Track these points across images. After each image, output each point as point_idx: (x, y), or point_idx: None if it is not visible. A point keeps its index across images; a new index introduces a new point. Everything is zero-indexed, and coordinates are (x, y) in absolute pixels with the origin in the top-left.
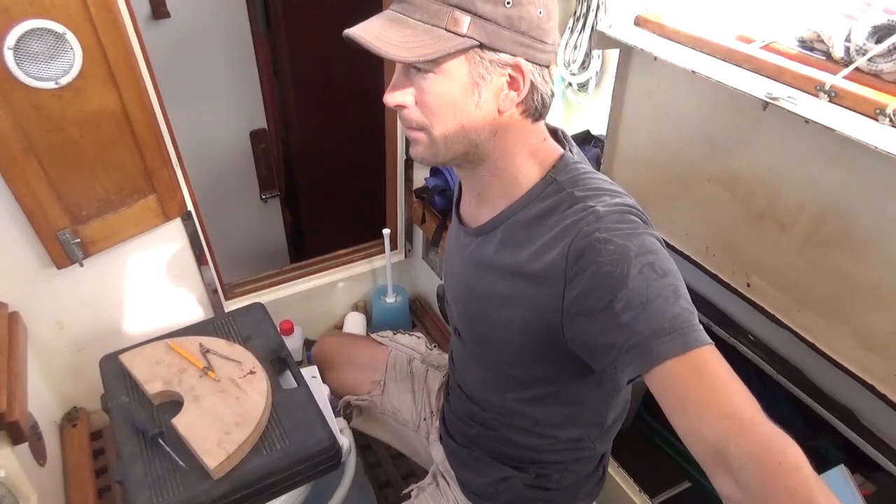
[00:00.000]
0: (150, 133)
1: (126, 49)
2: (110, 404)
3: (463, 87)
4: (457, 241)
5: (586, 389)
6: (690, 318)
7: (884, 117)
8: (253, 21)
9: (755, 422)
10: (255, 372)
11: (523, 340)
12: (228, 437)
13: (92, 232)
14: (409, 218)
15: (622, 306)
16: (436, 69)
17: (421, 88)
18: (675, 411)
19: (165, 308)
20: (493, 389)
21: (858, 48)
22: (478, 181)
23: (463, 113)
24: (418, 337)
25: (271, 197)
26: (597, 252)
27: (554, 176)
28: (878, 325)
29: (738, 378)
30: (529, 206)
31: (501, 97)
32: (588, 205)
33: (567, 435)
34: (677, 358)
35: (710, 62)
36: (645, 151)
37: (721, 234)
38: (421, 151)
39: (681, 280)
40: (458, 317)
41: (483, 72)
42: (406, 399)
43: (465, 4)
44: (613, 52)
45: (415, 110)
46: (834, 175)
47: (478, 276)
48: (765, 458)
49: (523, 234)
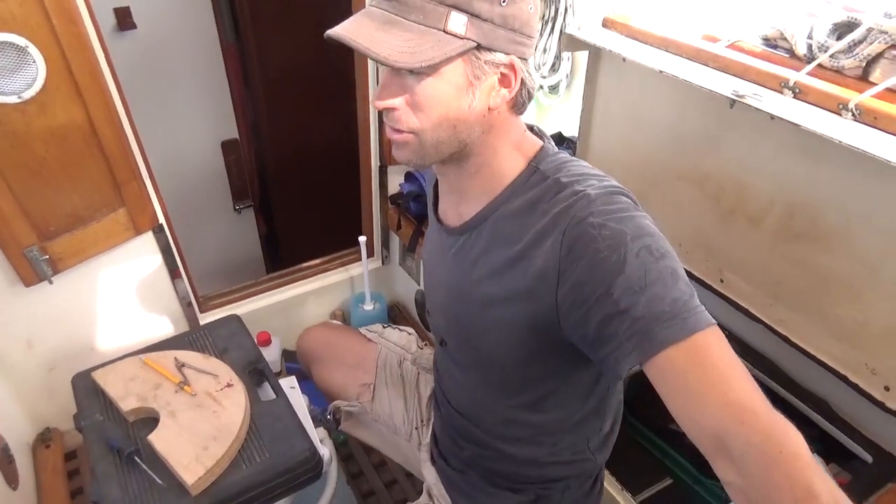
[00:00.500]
0: (117, 146)
1: (91, 62)
2: (84, 423)
3: (458, 89)
4: (438, 245)
5: (584, 385)
6: (690, 300)
7: (846, 112)
8: (221, 30)
9: (756, 409)
10: (233, 384)
11: (518, 339)
12: (206, 451)
13: (61, 248)
14: (384, 224)
15: (620, 293)
16: (431, 71)
17: (414, 91)
18: (674, 399)
19: (139, 323)
20: (485, 400)
21: (820, 45)
22: (461, 178)
23: (456, 114)
24: (409, 333)
25: (245, 207)
26: (591, 238)
27: (537, 165)
28: (848, 315)
29: (739, 361)
30: (515, 198)
31: (493, 95)
32: (577, 189)
33: (567, 441)
34: (678, 344)
35: (677, 62)
36: (616, 151)
37: (694, 231)
38: (408, 155)
39: (678, 261)
40: (444, 326)
41: (478, 72)
42: (398, 405)
43: (462, 4)
44: (583, 54)
45: (406, 113)
46: (800, 170)
47: (466, 276)
48: (765, 447)
49: (512, 226)
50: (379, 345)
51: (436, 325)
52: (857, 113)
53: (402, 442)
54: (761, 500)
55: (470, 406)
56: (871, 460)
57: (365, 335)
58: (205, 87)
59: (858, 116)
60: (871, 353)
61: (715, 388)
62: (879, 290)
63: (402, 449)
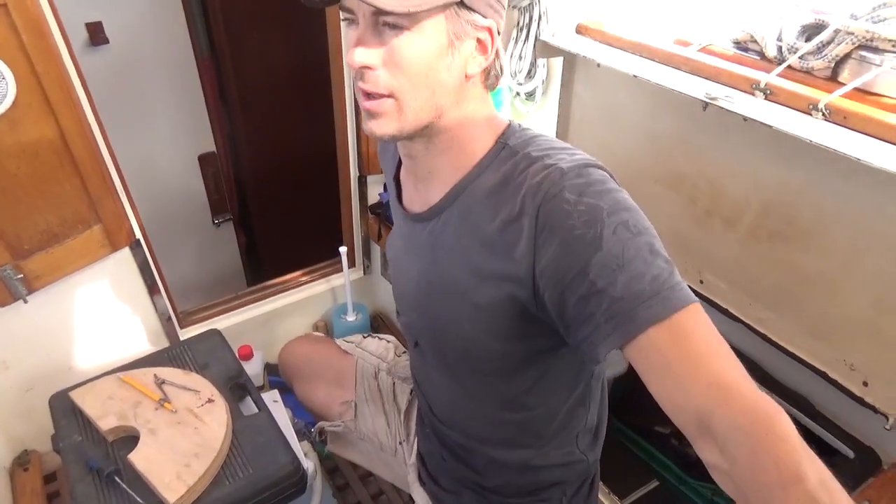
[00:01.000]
0: (91, 162)
1: (62, 77)
2: (62, 444)
3: (438, 48)
4: (405, 236)
5: (564, 376)
6: (671, 276)
7: (816, 112)
8: (195, 43)
9: (741, 390)
10: (214, 400)
11: (496, 325)
12: (188, 469)
13: (35, 266)
14: (365, 234)
15: (597, 272)
16: (412, 25)
17: (393, 47)
18: (656, 381)
19: (118, 340)
20: (465, 401)
21: (790, 47)
22: (430, 157)
23: (436, 76)
24: (388, 341)
25: (224, 220)
26: (566, 214)
27: (505, 141)
28: (825, 312)
29: (723, 340)
30: (484, 175)
31: (470, 61)
32: (548, 163)
33: (555, 440)
34: (659, 324)
35: (650, 66)
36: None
37: (672, 233)
38: (385, 124)
39: (656, 236)
40: (416, 323)
41: (459, 31)
42: (380, 422)
43: None
44: (558, 61)
45: (383, 72)
46: (774, 170)
47: (437, 263)
48: (751, 428)
49: (483, 205)
50: (355, 356)
51: (408, 326)
52: (827, 113)
53: (388, 458)
54: (747, 482)
55: (451, 410)
56: (852, 455)
57: (341, 346)
58: (180, 100)
59: (828, 116)
60: (848, 350)
61: (698, 368)
62: (854, 286)
63: (390, 465)
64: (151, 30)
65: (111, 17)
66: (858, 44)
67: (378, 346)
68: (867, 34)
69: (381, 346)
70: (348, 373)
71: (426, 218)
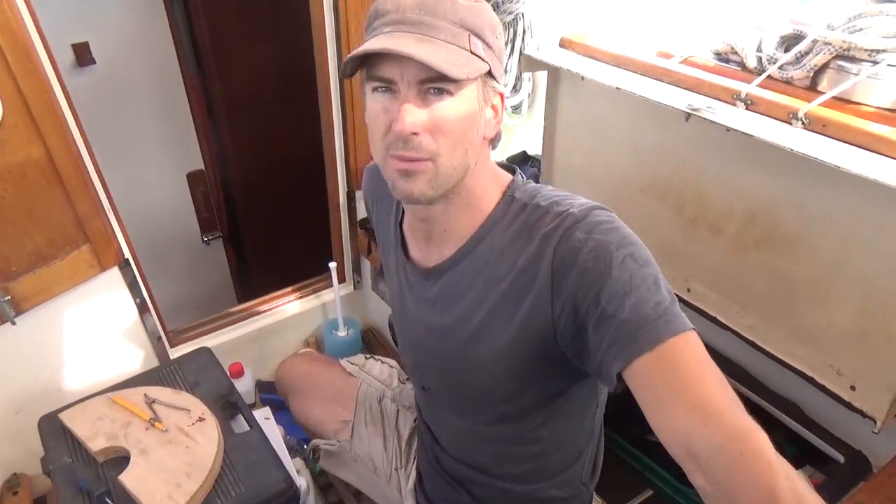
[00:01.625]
0: (79, 182)
1: (49, 98)
2: (51, 466)
3: (472, 113)
4: (411, 288)
5: (578, 406)
6: (672, 305)
7: (797, 121)
8: (182, 62)
9: (720, 410)
10: (205, 419)
11: (513, 369)
12: (179, 489)
13: (23, 288)
14: (355, 249)
15: (608, 298)
16: (455, 91)
17: (438, 113)
18: (648, 404)
19: (108, 361)
20: (479, 441)
21: (769, 57)
22: (447, 216)
23: (470, 139)
24: (391, 366)
25: (213, 238)
26: (577, 251)
27: (512, 194)
28: (812, 318)
29: (713, 365)
30: (498, 227)
31: (488, 124)
32: (558, 210)
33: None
34: (657, 347)
35: (633, 78)
36: (580, 167)
37: (659, 242)
38: (422, 185)
39: (658, 269)
40: (426, 370)
41: (487, 97)
42: (377, 445)
43: (477, 31)
44: (543, 74)
45: (426, 137)
46: (757, 178)
47: (451, 313)
48: (727, 448)
49: (500, 255)
50: (359, 379)
51: (416, 371)
52: (807, 121)
53: (382, 483)
54: (727, 502)
55: (461, 447)
56: (842, 460)
57: (345, 367)
58: (168, 118)
59: (808, 125)
60: (835, 355)
61: (685, 392)
62: (839, 292)
63: (382, 490)
64: (138, 49)
65: (98, 38)
66: (836, 53)
67: (381, 371)
68: (844, 44)
69: (384, 370)
70: (349, 393)
71: (436, 273)
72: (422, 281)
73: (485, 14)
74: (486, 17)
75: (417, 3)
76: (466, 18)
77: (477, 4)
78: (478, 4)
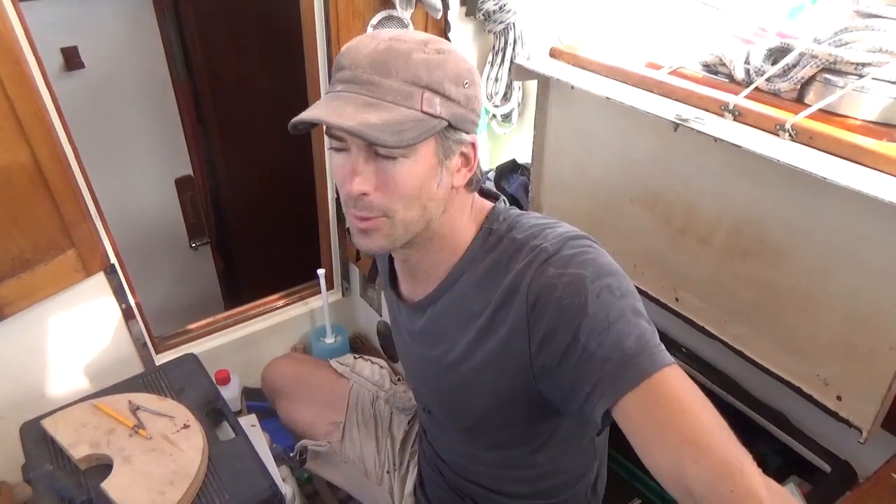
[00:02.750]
0: (65, 186)
1: (36, 102)
2: (32, 474)
3: (430, 169)
4: (403, 321)
5: (574, 431)
6: (653, 337)
7: (783, 132)
8: (172, 67)
9: (709, 445)
10: (190, 426)
11: (499, 403)
12: (163, 497)
13: (6, 293)
14: (344, 256)
15: (587, 336)
16: (406, 152)
17: (388, 174)
18: (638, 440)
19: (92, 367)
20: (479, 463)
21: (757, 69)
22: (422, 258)
23: (428, 193)
24: (381, 367)
25: (201, 244)
26: (552, 288)
27: (489, 227)
28: (799, 329)
29: (701, 396)
30: (474, 264)
31: (455, 175)
32: (533, 244)
33: (567, 494)
34: (644, 382)
35: (623, 89)
36: (570, 177)
37: (647, 252)
38: (378, 240)
39: (638, 298)
40: (426, 396)
41: (448, 151)
42: (369, 447)
43: (434, 85)
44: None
45: (377, 196)
46: (744, 189)
47: (436, 350)
48: (717, 487)
49: (475, 293)
50: (351, 380)
51: (417, 397)
52: (794, 133)
53: (372, 485)
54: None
55: (463, 467)
56: (829, 469)
57: (336, 368)
58: (157, 124)
59: (795, 136)
60: (822, 365)
61: (673, 427)
62: (825, 302)
63: (371, 492)
64: (128, 54)
65: (87, 42)
66: (822, 67)
67: (372, 372)
68: (830, 57)
69: (375, 371)
70: (340, 395)
71: (420, 308)
72: (410, 314)
73: (446, 66)
74: (448, 68)
75: (370, 61)
76: (420, 75)
77: (437, 56)
78: (438, 56)
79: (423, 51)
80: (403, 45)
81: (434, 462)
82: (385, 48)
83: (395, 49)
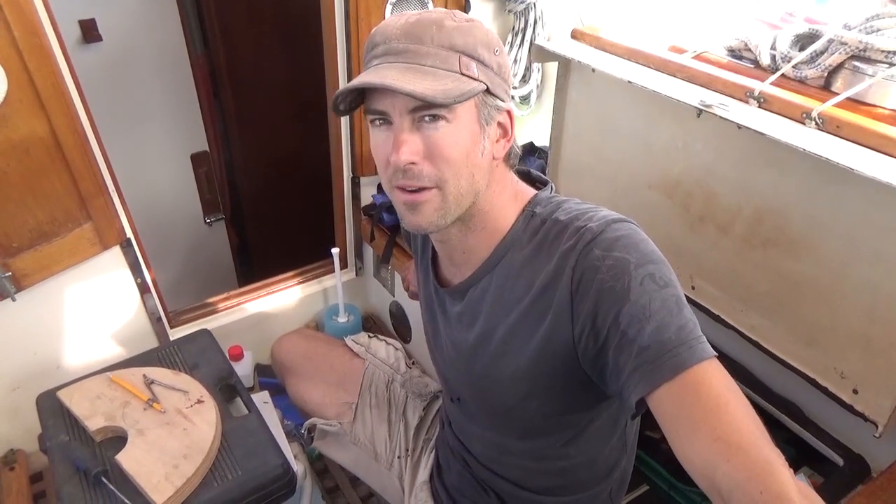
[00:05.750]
0: (82, 160)
1: (54, 74)
2: (49, 444)
3: (472, 135)
4: (438, 306)
5: (605, 424)
6: (695, 329)
7: (810, 121)
8: (189, 41)
9: (743, 445)
10: (203, 401)
11: (539, 385)
12: (176, 470)
13: (24, 264)
14: (358, 236)
15: (627, 322)
16: (450, 116)
17: (434, 140)
18: (671, 431)
19: (107, 340)
20: (508, 454)
21: (783, 56)
22: (465, 239)
23: (474, 161)
24: (396, 348)
25: (216, 220)
26: (595, 270)
27: (532, 210)
28: (816, 320)
29: (738, 393)
30: (517, 246)
31: (496, 145)
32: (578, 225)
33: (596, 489)
34: (681, 374)
35: (645, 73)
36: (587, 161)
37: (664, 239)
38: (430, 214)
39: (680, 288)
40: (456, 383)
41: (487, 117)
42: (381, 430)
43: (469, 51)
44: (553, 65)
45: (427, 166)
46: (767, 177)
47: (476, 332)
48: (748, 486)
49: (519, 274)
50: (366, 361)
51: (445, 385)
52: (821, 122)
53: (381, 469)
54: None
55: (491, 459)
56: (842, 463)
57: (351, 347)
58: (173, 98)
59: (822, 125)
60: (839, 357)
61: (707, 423)
62: (845, 295)
63: (380, 476)
64: (145, 28)
65: (105, 15)
66: (851, 54)
67: (388, 353)
68: (860, 44)
69: (391, 352)
70: (354, 375)
71: (460, 291)
72: (448, 298)
73: (477, 32)
74: (479, 35)
75: (403, 32)
76: (455, 40)
77: (467, 24)
78: (468, 24)
79: (452, 19)
80: (433, 15)
81: (460, 453)
82: (416, 20)
83: (425, 19)
